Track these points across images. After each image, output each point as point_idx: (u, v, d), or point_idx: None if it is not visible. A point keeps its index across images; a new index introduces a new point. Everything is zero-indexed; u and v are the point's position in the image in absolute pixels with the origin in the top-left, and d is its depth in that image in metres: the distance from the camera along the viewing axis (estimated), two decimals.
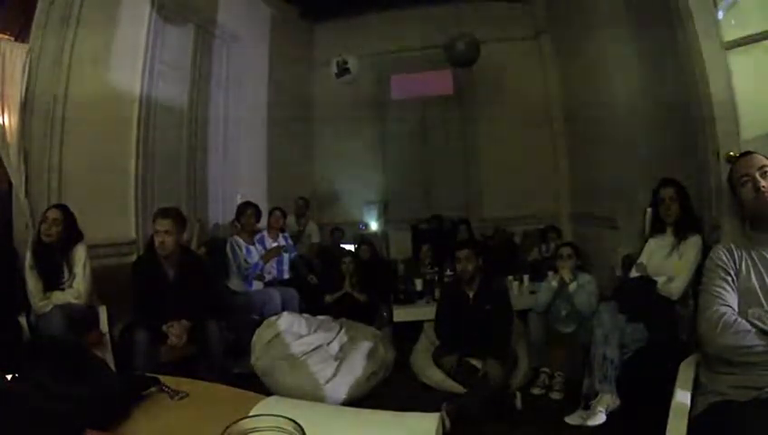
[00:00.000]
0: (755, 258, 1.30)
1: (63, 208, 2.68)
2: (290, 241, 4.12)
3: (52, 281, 2.57)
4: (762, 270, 1.27)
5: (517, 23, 5.69)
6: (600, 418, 2.15)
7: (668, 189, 2.43)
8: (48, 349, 1.02)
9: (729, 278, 1.28)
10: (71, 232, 2.65)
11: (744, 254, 1.31)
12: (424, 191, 6.04)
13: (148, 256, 2.68)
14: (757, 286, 1.26)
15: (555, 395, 2.63)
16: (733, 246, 1.35)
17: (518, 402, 2.46)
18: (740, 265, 1.30)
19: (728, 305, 1.25)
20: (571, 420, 2.24)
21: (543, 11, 5.60)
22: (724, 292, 1.27)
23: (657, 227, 2.50)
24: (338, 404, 2.45)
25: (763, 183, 1.29)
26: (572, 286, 2.77)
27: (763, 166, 1.32)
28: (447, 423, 2.12)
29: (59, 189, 3.11)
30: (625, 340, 2.23)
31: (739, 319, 1.21)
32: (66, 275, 2.62)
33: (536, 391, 2.68)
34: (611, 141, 4.00)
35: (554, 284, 2.84)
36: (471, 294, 2.85)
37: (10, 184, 2.92)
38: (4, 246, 2.76)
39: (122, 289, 2.75)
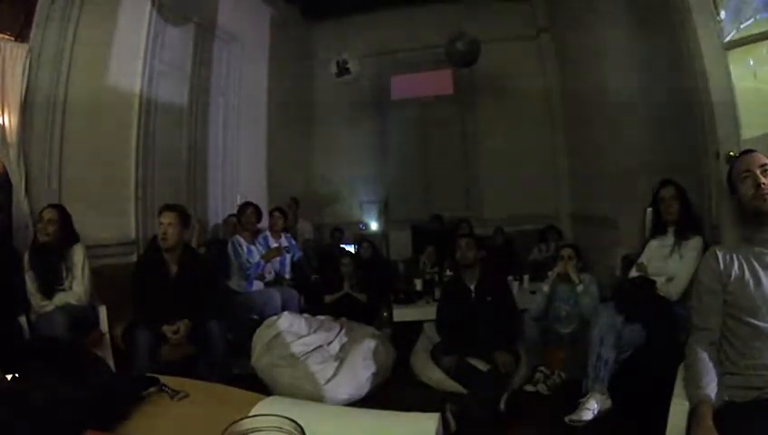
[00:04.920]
0: (752, 258, 1.30)
1: (59, 208, 2.68)
2: (293, 242, 4.13)
3: (51, 281, 2.57)
4: (759, 270, 1.27)
5: (517, 23, 5.69)
6: (587, 415, 2.15)
7: (669, 189, 2.43)
8: (48, 349, 1.02)
9: (717, 291, 1.32)
10: (67, 232, 2.65)
11: (740, 256, 1.31)
12: (424, 191, 6.04)
13: (150, 251, 2.69)
14: (753, 287, 1.26)
15: (541, 387, 2.64)
16: (728, 249, 1.35)
17: (502, 404, 2.42)
18: (735, 269, 1.30)
19: (707, 329, 1.33)
20: (567, 419, 2.23)
21: (543, 11, 5.60)
22: (709, 311, 1.33)
23: (658, 228, 2.50)
24: (338, 404, 2.45)
25: (763, 180, 1.30)
26: (580, 288, 2.77)
27: (764, 164, 1.33)
28: (453, 424, 2.12)
29: (59, 189, 3.11)
30: (623, 340, 2.22)
31: (697, 354, 1.29)
32: (64, 274, 2.61)
33: (529, 388, 2.68)
34: (611, 141, 4.00)
35: (546, 289, 2.85)
36: (472, 287, 2.87)
37: (10, 184, 2.92)
38: (4, 246, 2.76)
39: (122, 289, 2.75)
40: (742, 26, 2.62)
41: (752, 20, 2.58)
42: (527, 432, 2.31)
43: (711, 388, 1.20)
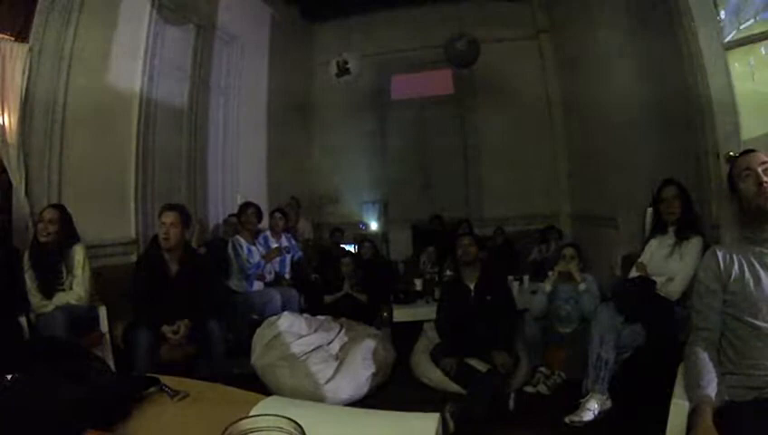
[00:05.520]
0: (752, 259, 1.29)
1: (60, 208, 2.68)
2: (293, 242, 4.13)
3: (51, 281, 2.57)
4: (760, 270, 1.27)
5: (517, 23, 5.69)
6: (587, 415, 2.15)
7: (671, 188, 2.43)
8: (48, 349, 1.02)
9: (716, 291, 1.32)
10: (67, 232, 2.65)
11: (740, 256, 1.31)
12: (424, 191, 6.04)
13: (151, 251, 2.68)
14: (753, 287, 1.26)
15: (541, 388, 2.65)
16: (728, 249, 1.35)
17: (511, 403, 2.45)
18: (735, 269, 1.30)
19: (707, 329, 1.32)
20: (567, 420, 2.23)
21: (543, 11, 5.61)
22: (708, 311, 1.33)
23: (659, 227, 2.50)
24: (338, 404, 2.45)
25: (764, 178, 1.29)
26: (582, 287, 2.78)
27: (765, 162, 1.32)
28: (452, 425, 2.12)
29: (59, 189, 3.10)
30: (623, 341, 2.22)
31: (697, 354, 1.29)
32: (64, 274, 2.61)
33: (530, 389, 2.68)
34: (611, 141, 4.00)
35: (549, 287, 2.85)
36: (472, 286, 2.88)
37: (10, 184, 2.92)
38: (4, 246, 2.76)
39: (122, 289, 2.75)
40: (742, 27, 2.61)
41: (752, 20, 2.58)
42: (527, 432, 2.30)
43: (711, 388, 1.20)
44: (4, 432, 0.72)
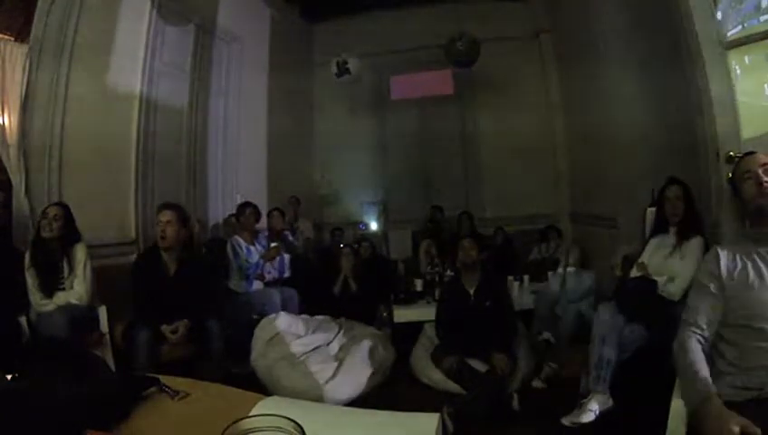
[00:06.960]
0: (756, 259, 1.29)
1: (64, 206, 2.70)
2: (290, 239, 4.12)
3: (52, 279, 2.57)
4: (764, 271, 1.27)
5: (517, 23, 5.69)
6: (589, 416, 2.13)
7: (675, 188, 2.41)
8: (48, 349, 1.02)
9: (709, 293, 1.32)
10: (70, 230, 2.66)
11: (743, 256, 1.31)
12: (424, 191, 6.04)
13: (149, 251, 2.69)
14: (756, 289, 1.25)
15: (537, 383, 2.68)
16: (731, 249, 1.35)
17: (515, 403, 2.45)
18: (739, 270, 1.30)
19: (695, 325, 1.33)
20: (567, 421, 2.22)
21: (543, 11, 5.60)
22: (698, 309, 1.34)
23: (660, 227, 2.49)
24: (338, 404, 2.45)
25: (765, 179, 1.30)
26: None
27: (766, 163, 1.33)
28: (450, 425, 2.12)
29: (59, 189, 3.11)
30: (624, 340, 2.22)
31: (693, 349, 1.28)
32: (66, 273, 2.61)
33: (536, 383, 2.71)
34: (611, 141, 4.00)
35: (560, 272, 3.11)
36: (471, 291, 2.88)
37: (10, 184, 2.92)
38: (4, 246, 2.76)
39: (122, 289, 2.75)
40: (729, 34, 2.61)
41: (739, 27, 2.58)
42: (527, 432, 2.30)
43: (711, 381, 1.20)
44: (4, 432, 0.72)
